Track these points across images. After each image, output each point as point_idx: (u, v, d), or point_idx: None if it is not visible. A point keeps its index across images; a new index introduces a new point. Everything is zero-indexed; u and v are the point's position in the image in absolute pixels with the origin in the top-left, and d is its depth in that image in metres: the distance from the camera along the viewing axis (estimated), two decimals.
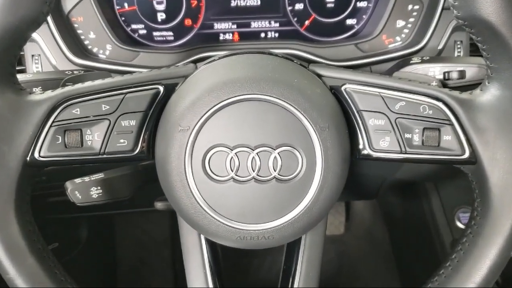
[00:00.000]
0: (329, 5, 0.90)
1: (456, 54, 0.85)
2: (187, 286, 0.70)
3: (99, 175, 0.76)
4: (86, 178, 0.74)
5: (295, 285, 0.68)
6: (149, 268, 1.57)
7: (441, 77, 0.70)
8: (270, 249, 0.62)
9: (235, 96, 0.55)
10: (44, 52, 0.83)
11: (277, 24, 0.91)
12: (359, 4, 0.90)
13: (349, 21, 0.91)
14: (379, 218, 1.52)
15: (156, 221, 1.57)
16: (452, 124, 0.57)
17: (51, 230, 0.62)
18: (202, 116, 0.55)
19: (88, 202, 0.74)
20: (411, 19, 0.87)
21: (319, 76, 0.62)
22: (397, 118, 0.58)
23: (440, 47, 0.84)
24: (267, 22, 0.91)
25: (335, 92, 0.61)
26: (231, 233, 0.57)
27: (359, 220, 1.58)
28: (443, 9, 0.83)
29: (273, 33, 0.92)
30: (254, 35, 0.92)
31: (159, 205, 0.86)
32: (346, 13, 0.91)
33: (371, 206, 1.56)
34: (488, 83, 0.56)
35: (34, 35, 0.81)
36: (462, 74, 0.70)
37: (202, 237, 0.66)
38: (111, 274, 1.55)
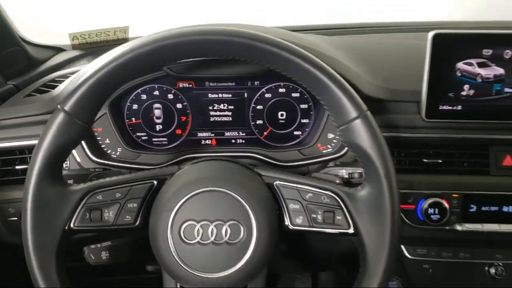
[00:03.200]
0: (281, 121, 1.19)
1: None
2: None
3: (107, 243, 1.04)
4: (98, 245, 1.02)
5: None
6: None
7: (347, 176, 1.01)
8: None
9: (202, 188, 0.83)
10: (72, 152, 1.11)
11: (244, 134, 1.20)
12: (303, 121, 1.19)
13: (296, 133, 1.20)
14: None
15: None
16: (342, 209, 0.84)
17: None
18: (180, 201, 0.83)
19: (99, 262, 1.02)
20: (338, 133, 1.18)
21: (260, 175, 0.91)
22: (307, 204, 0.86)
23: None
24: (236, 132, 1.21)
25: (269, 186, 0.89)
26: (196, 280, 0.82)
27: None
28: None
29: (240, 140, 1.21)
30: (227, 141, 1.21)
31: (149, 268, 1.13)
32: (294, 127, 1.20)
33: (335, 277, 1.76)
34: (364, 183, 0.84)
35: None
36: (361, 174, 1.00)
37: (178, 284, 0.90)
38: None
